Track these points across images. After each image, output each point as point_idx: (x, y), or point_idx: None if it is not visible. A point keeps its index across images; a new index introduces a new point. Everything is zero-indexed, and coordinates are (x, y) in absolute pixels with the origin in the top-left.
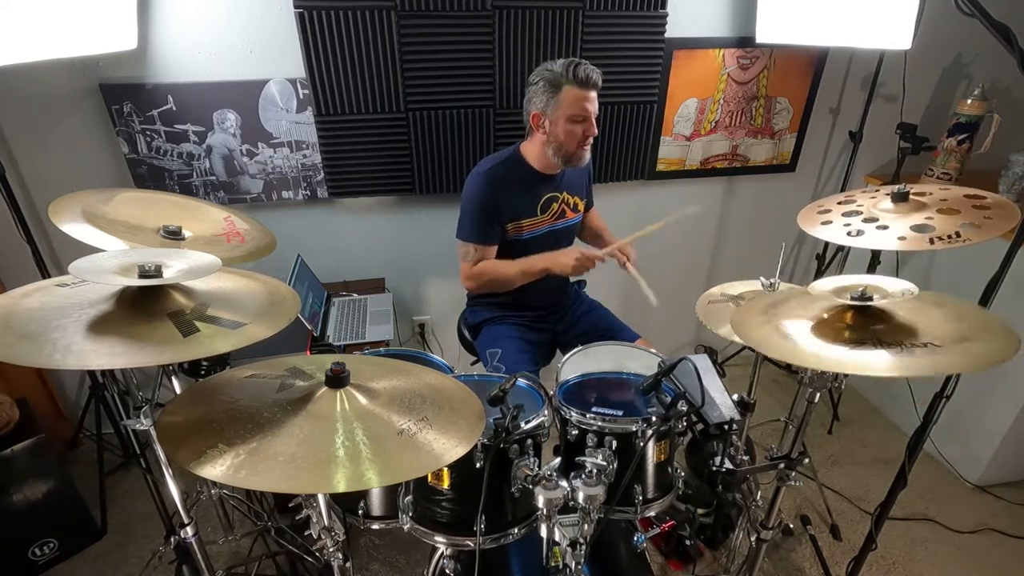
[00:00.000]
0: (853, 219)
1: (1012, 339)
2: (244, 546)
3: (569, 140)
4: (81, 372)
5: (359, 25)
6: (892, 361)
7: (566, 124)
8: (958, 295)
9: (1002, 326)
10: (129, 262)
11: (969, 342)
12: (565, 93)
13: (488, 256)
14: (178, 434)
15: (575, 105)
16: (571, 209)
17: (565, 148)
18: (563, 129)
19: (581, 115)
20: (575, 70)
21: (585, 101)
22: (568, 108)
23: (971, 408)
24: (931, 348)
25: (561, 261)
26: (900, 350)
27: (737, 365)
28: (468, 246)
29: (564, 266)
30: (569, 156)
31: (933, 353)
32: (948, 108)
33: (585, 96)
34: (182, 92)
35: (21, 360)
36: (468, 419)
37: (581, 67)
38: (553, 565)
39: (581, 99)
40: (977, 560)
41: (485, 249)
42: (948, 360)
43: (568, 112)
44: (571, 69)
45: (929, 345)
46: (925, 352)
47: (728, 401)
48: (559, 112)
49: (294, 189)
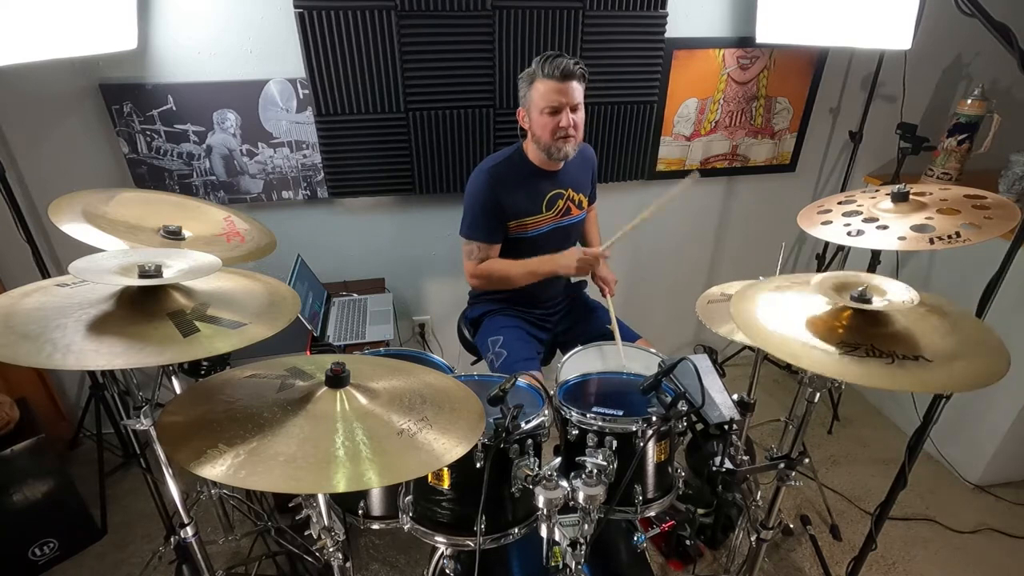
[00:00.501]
0: (853, 219)
1: (1003, 359)
2: (244, 546)
3: (543, 132)
4: (81, 372)
5: (359, 25)
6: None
7: (539, 116)
8: (958, 295)
9: (996, 343)
10: (129, 262)
11: (961, 360)
12: (537, 85)
13: (492, 254)
14: (178, 434)
15: (546, 97)
16: (576, 206)
17: (543, 141)
18: (537, 122)
19: (552, 106)
20: (547, 62)
21: (556, 92)
22: (540, 100)
23: (971, 408)
24: (922, 363)
25: (563, 263)
26: (891, 362)
27: (737, 365)
28: (472, 244)
29: (568, 268)
30: (548, 148)
31: (924, 369)
32: (948, 108)
33: (556, 87)
34: (182, 92)
35: (21, 360)
36: (468, 419)
37: (552, 59)
38: (553, 565)
39: (552, 90)
40: (977, 560)
41: (489, 247)
42: (937, 378)
43: (540, 104)
44: (544, 61)
45: (920, 359)
46: (916, 367)
47: (728, 401)
48: (533, 104)
49: (294, 189)
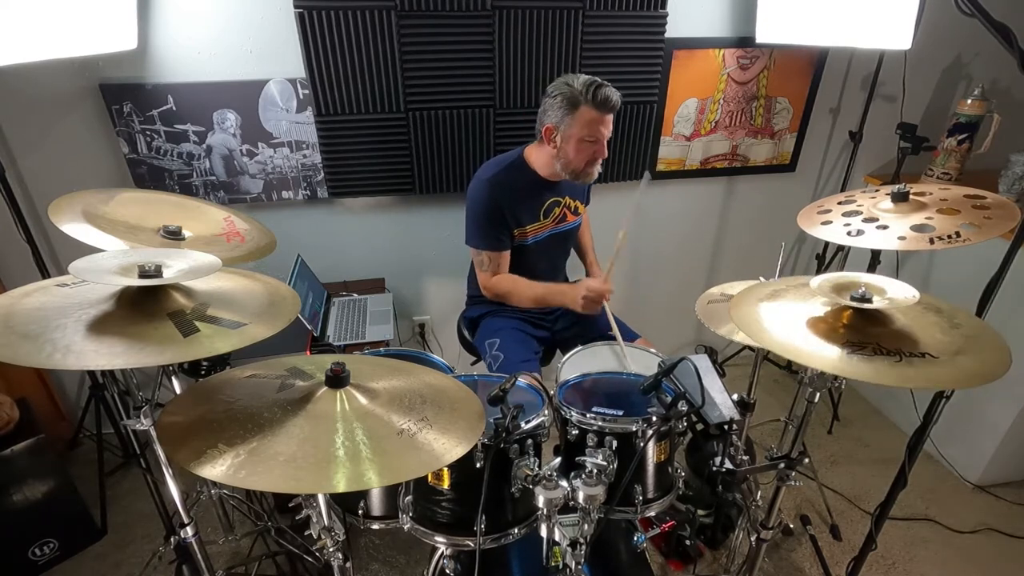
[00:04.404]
0: (853, 219)
1: (1004, 351)
2: (244, 546)
3: (578, 159)
4: (81, 372)
5: (359, 25)
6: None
7: (577, 143)
8: (958, 295)
9: (994, 336)
10: (129, 262)
11: (965, 355)
12: (582, 113)
13: (503, 261)
14: (178, 434)
15: (590, 126)
16: (572, 212)
17: (573, 166)
18: (574, 147)
19: (594, 136)
20: (595, 91)
21: (600, 124)
22: (582, 129)
23: (971, 408)
24: (929, 359)
25: (571, 296)
26: (899, 360)
27: (737, 365)
28: (482, 254)
29: (574, 302)
30: (576, 173)
31: (932, 365)
32: (948, 108)
33: (601, 119)
34: (182, 92)
35: (21, 360)
36: (468, 419)
37: (602, 89)
38: (553, 565)
39: (597, 121)
40: (977, 560)
41: (499, 255)
42: (946, 373)
43: (582, 132)
44: (591, 89)
45: (927, 356)
46: (924, 363)
47: (728, 401)
48: (572, 130)
49: (294, 189)
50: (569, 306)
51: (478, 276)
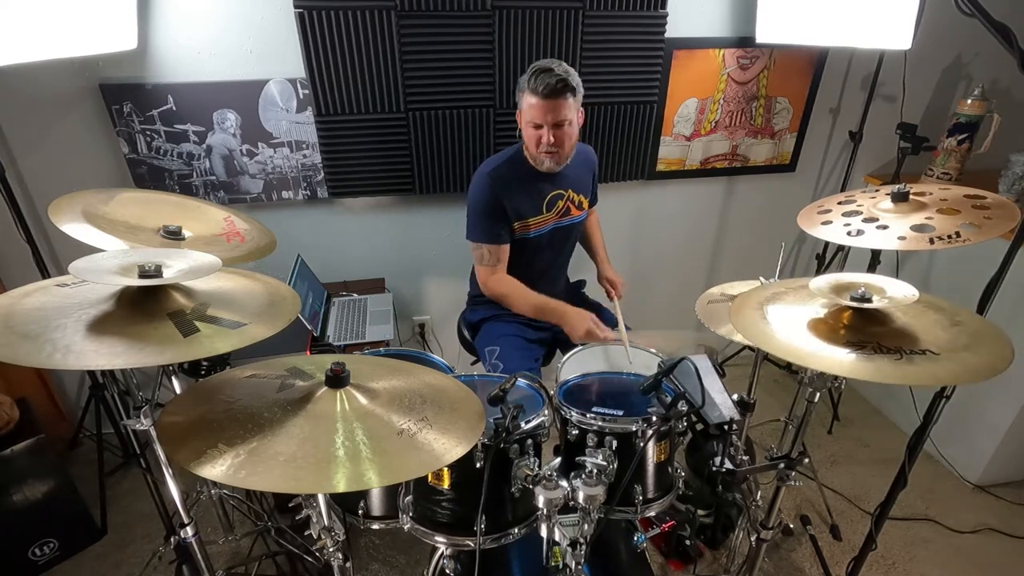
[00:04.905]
0: (853, 219)
1: (1006, 345)
2: (244, 546)
3: (529, 142)
4: (81, 372)
5: (359, 25)
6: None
7: (525, 127)
8: (958, 295)
9: (994, 331)
10: (129, 262)
11: (967, 351)
12: (525, 98)
13: (502, 255)
14: (178, 434)
15: (528, 112)
16: (576, 207)
17: (531, 152)
18: (524, 131)
19: (536, 122)
20: (535, 77)
21: (538, 109)
22: (527, 113)
23: (971, 408)
24: (930, 356)
25: (571, 322)
26: (900, 357)
27: (737, 365)
28: (481, 248)
29: (573, 328)
30: (533, 158)
31: (934, 362)
32: (948, 108)
33: (539, 104)
34: (182, 92)
35: (21, 360)
36: (468, 419)
37: (542, 76)
38: (553, 565)
39: (534, 106)
40: (977, 560)
41: (498, 249)
42: (949, 369)
43: (527, 117)
44: (533, 76)
45: (928, 353)
46: (926, 360)
47: (728, 401)
48: (524, 117)
49: (294, 189)
50: (565, 329)
51: (477, 272)
